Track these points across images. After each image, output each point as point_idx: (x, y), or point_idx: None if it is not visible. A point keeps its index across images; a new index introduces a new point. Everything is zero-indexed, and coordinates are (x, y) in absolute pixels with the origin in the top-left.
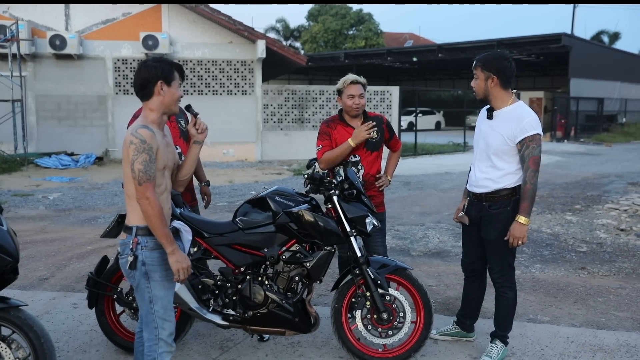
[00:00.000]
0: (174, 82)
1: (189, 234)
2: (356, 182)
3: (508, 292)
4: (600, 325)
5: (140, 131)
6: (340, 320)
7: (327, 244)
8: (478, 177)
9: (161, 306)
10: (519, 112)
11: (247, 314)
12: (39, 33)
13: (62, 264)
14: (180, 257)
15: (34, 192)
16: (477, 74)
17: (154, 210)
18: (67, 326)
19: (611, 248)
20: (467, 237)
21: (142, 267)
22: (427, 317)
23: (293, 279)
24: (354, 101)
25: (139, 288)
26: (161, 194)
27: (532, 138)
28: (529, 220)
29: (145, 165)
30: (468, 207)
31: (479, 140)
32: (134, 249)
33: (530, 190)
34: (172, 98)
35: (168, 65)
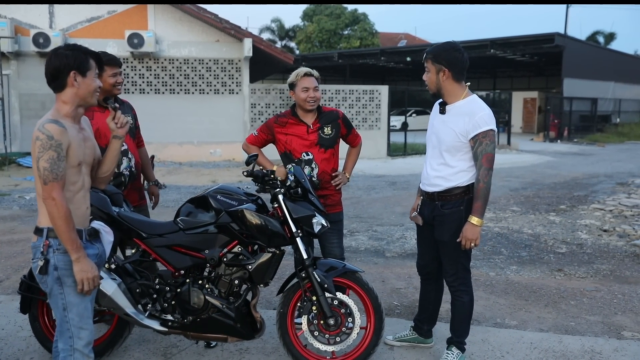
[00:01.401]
0: (89, 72)
1: (109, 236)
2: (303, 179)
3: (464, 296)
4: (568, 329)
5: (47, 126)
6: (285, 326)
7: (270, 246)
8: (430, 175)
9: (76, 314)
10: (472, 106)
11: (187, 320)
12: (22, 31)
13: (21, 266)
14: (86, 265)
15: (12, 192)
16: (428, 67)
17: (59, 212)
18: (6, 332)
19: (591, 249)
20: (422, 238)
21: (54, 271)
22: (377, 323)
23: (235, 282)
24: (309, 94)
25: (52, 294)
26: (77, 192)
27: (485, 134)
28: (482, 221)
29: (52, 163)
30: (421, 207)
31: (431, 136)
32: (45, 253)
33: (483, 189)
34: (87, 89)
35: (82, 54)
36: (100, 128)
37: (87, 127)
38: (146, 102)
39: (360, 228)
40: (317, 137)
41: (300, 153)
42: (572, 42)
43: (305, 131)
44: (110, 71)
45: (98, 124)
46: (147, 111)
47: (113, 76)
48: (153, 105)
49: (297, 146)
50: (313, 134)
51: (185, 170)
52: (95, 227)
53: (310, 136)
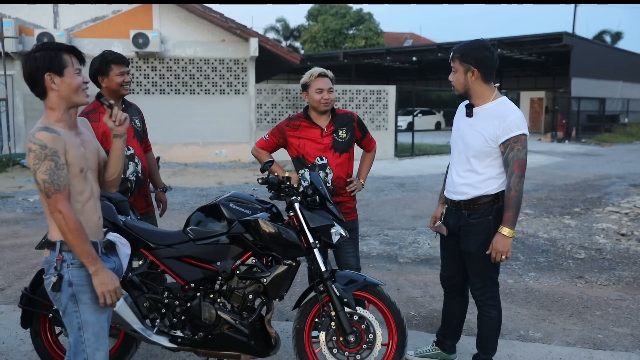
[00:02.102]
0: (66, 69)
1: (126, 248)
2: (320, 187)
3: (492, 311)
4: (597, 343)
5: (38, 135)
6: (302, 343)
7: (286, 257)
8: (456, 183)
9: (92, 333)
10: (502, 109)
11: (197, 336)
12: (26, 31)
13: (24, 272)
14: (106, 277)
15: (15, 194)
16: (455, 66)
17: (69, 224)
18: (6, 346)
19: (611, 255)
20: (446, 248)
21: (68, 288)
22: (400, 340)
23: (248, 296)
24: (323, 95)
25: (67, 312)
26: (86, 202)
27: (516, 139)
28: (514, 232)
29: (51, 174)
30: (446, 216)
31: (457, 141)
32: (59, 268)
33: (515, 197)
34: (69, 89)
35: (52, 52)
36: (106, 131)
37: (86, 130)
38: (151, 103)
39: (371, 232)
40: (332, 141)
41: (314, 157)
42: (580, 41)
43: (319, 134)
44: (117, 70)
45: (104, 126)
46: (152, 112)
47: (120, 75)
48: (158, 106)
49: (311, 150)
50: (327, 137)
51: (191, 171)
52: (111, 239)
53: (324, 139)
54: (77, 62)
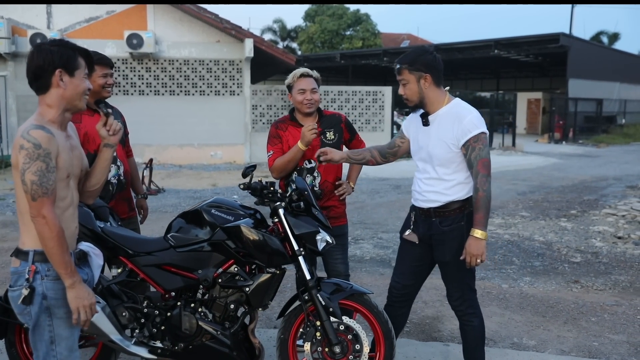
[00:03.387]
0: (77, 71)
1: (99, 259)
2: (306, 192)
3: (473, 319)
4: (592, 351)
5: (33, 133)
6: (286, 354)
7: (270, 265)
8: (424, 191)
9: (65, 347)
10: (457, 111)
11: (178, 347)
12: (19, 31)
13: (8, 278)
14: (82, 292)
15: (6, 196)
16: (406, 77)
17: (51, 231)
18: None
19: (607, 258)
20: (409, 255)
21: (42, 301)
22: (387, 350)
23: (231, 305)
24: (305, 96)
25: (38, 326)
26: (66, 210)
27: (476, 138)
28: (486, 234)
29: (41, 175)
30: (415, 224)
31: (418, 152)
32: (31, 280)
33: (483, 198)
34: (75, 91)
35: (70, 50)
36: (89, 132)
37: (74, 135)
38: (146, 104)
39: (364, 235)
40: (319, 143)
41: (303, 160)
42: (577, 42)
43: None
44: (100, 71)
45: (87, 127)
46: (146, 113)
47: (103, 77)
48: (153, 107)
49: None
50: (315, 140)
51: (185, 173)
52: (83, 249)
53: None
54: (87, 67)
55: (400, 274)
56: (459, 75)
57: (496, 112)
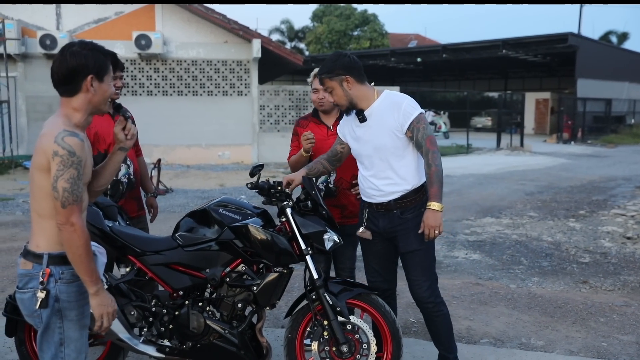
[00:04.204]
0: (106, 76)
1: (103, 257)
2: (313, 191)
3: (442, 307)
4: (600, 351)
5: (68, 140)
6: (294, 353)
7: (277, 264)
8: (379, 186)
9: (74, 349)
10: (393, 99)
11: (186, 346)
12: (29, 32)
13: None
14: (106, 299)
15: (16, 196)
16: (329, 85)
17: (80, 239)
18: None
19: (616, 259)
20: (373, 253)
21: (55, 304)
22: (395, 350)
23: (238, 304)
24: (318, 95)
25: (48, 328)
26: (82, 212)
27: (418, 119)
28: (442, 206)
29: (72, 183)
30: (371, 220)
31: (362, 149)
32: (45, 283)
33: (436, 172)
34: (103, 96)
35: (102, 55)
36: (99, 132)
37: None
38: (154, 104)
39: None
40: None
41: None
42: (586, 42)
43: (325, 133)
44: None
45: (97, 127)
46: (154, 113)
47: (113, 79)
48: (161, 108)
49: (317, 149)
50: (333, 136)
51: (193, 173)
52: None
53: (330, 138)
54: (112, 70)
55: (373, 271)
56: (467, 75)
57: (504, 112)
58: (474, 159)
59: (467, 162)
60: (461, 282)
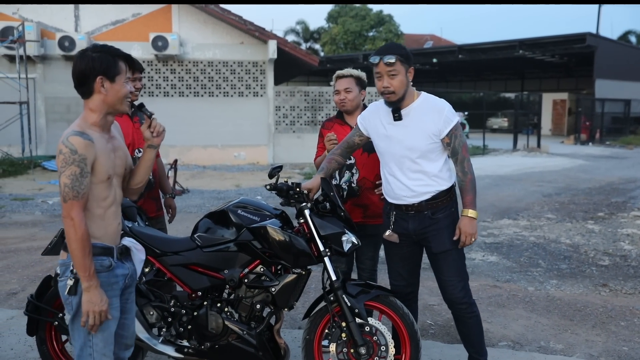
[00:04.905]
0: (118, 76)
1: (141, 254)
2: (332, 192)
3: (475, 308)
4: (622, 355)
5: (71, 139)
6: (312, 354)
7: (295, 266)
8: (409, 186)
9: (101, 339)
10: (433, 103)
11: (204, 346)
12: (48, 34)
13: (38, 276)
14: (96, 297)
15: (35, 196)
16: (397, 69)
17: (76, 234)
18: (14, 352)
19: (636, 262)
20: (399, 256)
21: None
22: (413, 352)
23: (256, 305)
24: (339, 97)
25: (78, 315)
26: (108, 208)
27: (456, 127)
28: (477, 213)
29: (73, 179)
30: (399, 223)
31: (392, 148)
32: (75, 272)
33: (471, 180)
34: (116, 96)
35: (110, 57)
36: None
37: (118, 135)
38: (170, 105)
39: None
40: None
41: None
42: (604, 42)
43: None
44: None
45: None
46: (171, 114)
47: (132, 80)
48: (177, 108)
49: None
50: None
51: (209, 174)
52: (126, 244)
53: None
54: (128, 71)
55: (397, 275)
56: (483, 75)
57: (521, 113)
58: (490, 160)
59: (484, 163)
60: (478, 285)
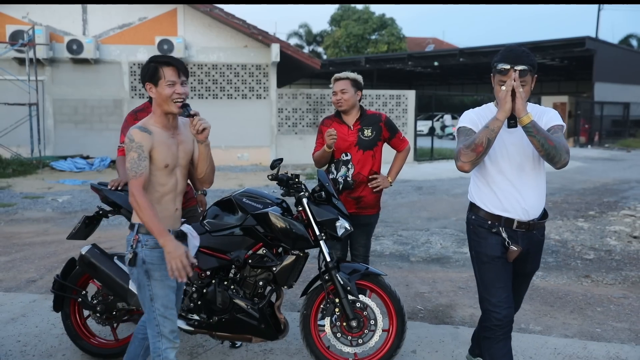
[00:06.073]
0: (160, 81)
1: (196, 240)
2: (327, 183)
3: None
4: (594, 336)
5: (132, 131)
6: (308, 328)
7: (294, 248)
8: (528, 200)
9: (161, 304)
10: (540, 108)
11: (212, 320)
12: (57, 38)
13: (54, 266)
14: (171, 246)
15: (45, 194)
16: (527, 79)
17: (138, 204)
18: (39, 329)
19: (620, 256)
20: (506, 275)
21: (142, 265)
22: (399, 325)
23: (259, 283)
24: (336, 97)
25: (140, 286)
26: (165, 194)
27: (560, 127)
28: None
29: (132, 162)
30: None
31: (511, 156)
32: (134, 246)
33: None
34: (161, 98)
35: (153, 64)
36: None
37: (187, 132)
38: None
39: (385, 232)
40: (356, 138)
41: (341, 153)
42: (604, 45)
43: (346, 131)
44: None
45: None
46: None
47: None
48: None
49: (338, 146)
50: (352, 135)
51: None
52: (183, 230)
53: (349, 137)
54: (173, 75)
55: (502, 300)
56: (485, 79)
57: None
58: None
59: None
60: (468, 275)
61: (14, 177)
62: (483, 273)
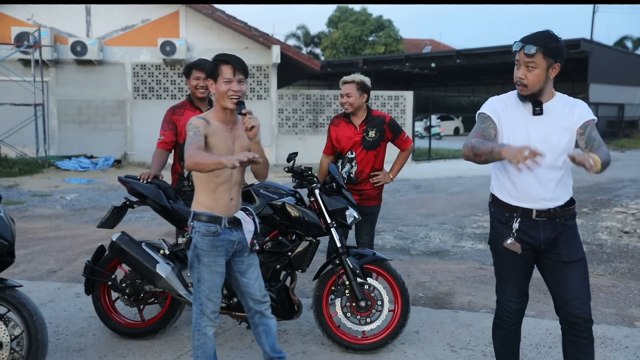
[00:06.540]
0: (219, 77)
1: (250, 225)
2: (337, 176)
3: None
4: None
5: (192, 119)
6: (321, 308)
7: (308, 235)
8: (549, 191)
9: (207, 287)
10: (570, 100)
11: (232, 301)
12: (61, 39)
13: (72, 258)
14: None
15: (53, 192)
16: (536, 62)
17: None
18: (68, 313)
19: (611, 249)
20: (521, 268)
21: (194, 249)
22: (404, 306)
23: (275, 267)
24: (342, 100)
25: (191, 266)
26: (220, 184)
27: (594, 122)
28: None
29: (189, 138)
30: (522, 231)
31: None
32: (190, 232)
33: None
34: (219, 94)
35: (213, 62)
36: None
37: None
38: None
39: (385, 228)
40: (361, 139)
41: (347, 151)
42: (598, 47)
43: (353, 131)
44: (195, 74)
45: (184, 121)
46: None
47: (196, 79)
48: None
49: (345, 145)
50: (358, 135)
51: None
52: (237, 216)
53: (355, 136)
54: (229, 73)
55: (513, 291)
56: (481, 80)
57: None
58: None
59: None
60: (466, 267)
61: (21, 176)
62: (498, 266)
